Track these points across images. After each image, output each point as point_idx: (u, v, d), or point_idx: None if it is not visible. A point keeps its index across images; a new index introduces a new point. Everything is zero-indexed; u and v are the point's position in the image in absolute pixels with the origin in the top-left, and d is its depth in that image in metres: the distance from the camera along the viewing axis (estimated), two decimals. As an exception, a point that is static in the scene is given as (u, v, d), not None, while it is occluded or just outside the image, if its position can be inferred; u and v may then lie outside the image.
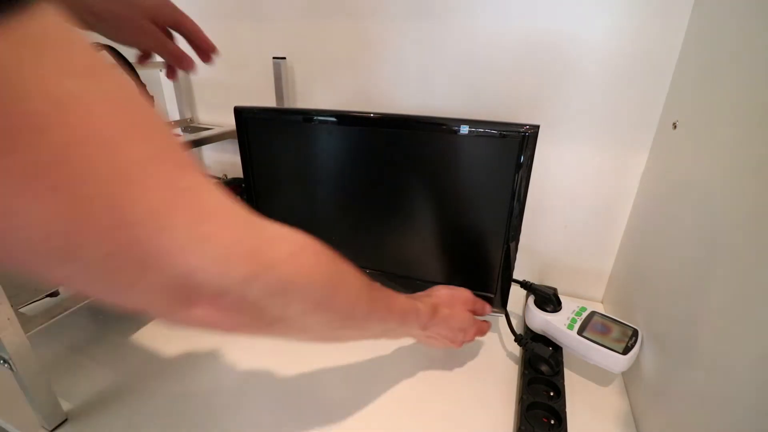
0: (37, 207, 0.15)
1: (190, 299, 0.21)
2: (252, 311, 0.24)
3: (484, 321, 0.53)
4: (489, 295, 0.57)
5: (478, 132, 0.49)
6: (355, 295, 0.32)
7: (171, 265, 0.19)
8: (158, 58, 0.49)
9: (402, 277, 0.40)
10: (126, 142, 0.17)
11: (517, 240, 0.54)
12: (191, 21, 0.47)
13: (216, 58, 0.51)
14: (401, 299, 0.41)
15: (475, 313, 0.52)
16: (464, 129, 0.49)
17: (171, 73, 0.54)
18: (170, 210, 0.18)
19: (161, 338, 0.59)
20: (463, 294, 0.51)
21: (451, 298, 0.49)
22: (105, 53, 0.46)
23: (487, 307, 0.54)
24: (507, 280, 0.57)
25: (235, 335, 0.26)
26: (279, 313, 0.26)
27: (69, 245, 0.16)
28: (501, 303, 0.58)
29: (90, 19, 0.41)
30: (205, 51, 0.50)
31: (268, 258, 0.23)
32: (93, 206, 0.16)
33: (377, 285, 0.36)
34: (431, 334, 0.47)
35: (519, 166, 0.49)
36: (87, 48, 0.16)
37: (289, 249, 0.25)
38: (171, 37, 0.48)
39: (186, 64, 0.49)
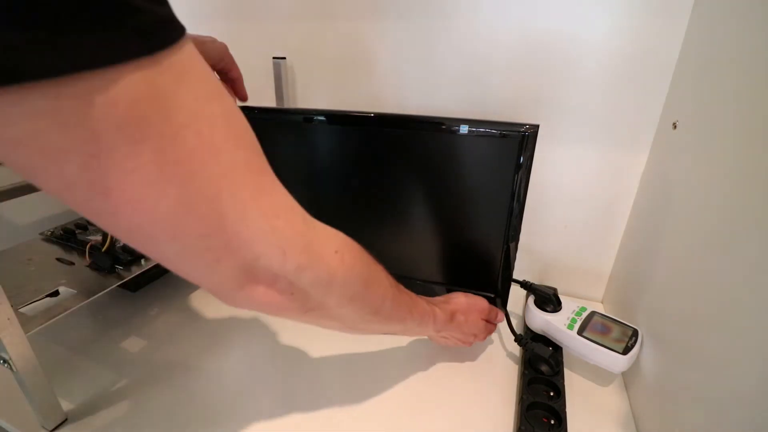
0: (164, 195, 0.19)
1: (253, 280, 0.25)
2: (299, 296, 0.28)
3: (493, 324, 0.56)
4: (489, 295, 0.57)
5: (477, 132, 0.49)
6: (383, 293, 0.36)
7: (247, 249, 0.23)
8: None
9: (402, 278, 0.40)
10: (230, 151, 0.21)
11: (517, 240, 0.54)
12: (238, 69, 0.52)
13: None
14: (422, 303, 0.44)
15: (488, 321, 0.54)
16: (464, 129, 0.49)
17: None
18: (252, 205, 0.23)
19: (161, 339, 0.59)
20: (479, 303, 0.53)
21: (468, 306, 0.52)
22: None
23: (501, 315, 0.56)
24: (507, 280, 0.57)
25: (282, 316, 0.30)
26: (320, 301, 0.30)
27: (178, 226, 0.21)
28: (501, 303, 0.58)
29: None
30: (238, 97, 0.55)
31: (318, 252, 0.28)
32: (200, 197, 0.20)
33: (402, 288, 0.40)
34: (445, 335, 0.51)
35: (519, 166, 0.49)
36: (212, 75, 0.21)
37: (335, 246, 0.30)
38: None
39: None
